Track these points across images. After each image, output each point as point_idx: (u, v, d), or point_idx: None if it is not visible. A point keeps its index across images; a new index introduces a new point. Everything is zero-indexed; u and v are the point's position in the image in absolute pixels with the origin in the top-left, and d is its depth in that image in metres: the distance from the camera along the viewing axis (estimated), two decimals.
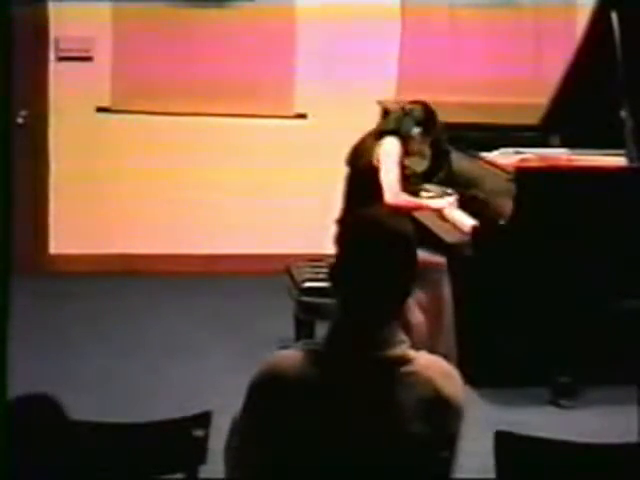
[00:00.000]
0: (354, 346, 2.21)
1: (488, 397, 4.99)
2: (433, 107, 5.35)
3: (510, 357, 5.21)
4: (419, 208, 5.28)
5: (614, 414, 4.73)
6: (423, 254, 2.69)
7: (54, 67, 6.84)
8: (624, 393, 4.74)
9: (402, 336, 2.24)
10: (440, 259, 5.16)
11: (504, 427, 2.47)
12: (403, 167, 5.22)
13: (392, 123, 5.31)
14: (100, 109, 6.91)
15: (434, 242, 5.19)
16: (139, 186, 6.96)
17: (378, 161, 5.13)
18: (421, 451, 2.21)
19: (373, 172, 5.12)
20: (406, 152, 5.24)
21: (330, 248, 3.00)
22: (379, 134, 5.24)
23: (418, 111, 5.28)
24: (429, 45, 7.22)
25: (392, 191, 5.05)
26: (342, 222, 5.07)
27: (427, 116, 5.28)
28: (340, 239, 2.32)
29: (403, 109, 5.34)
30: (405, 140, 5.22)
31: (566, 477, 2.46)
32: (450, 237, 5.19)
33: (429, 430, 2.19)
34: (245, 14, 6.98)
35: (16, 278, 2.29)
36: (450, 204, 5.27)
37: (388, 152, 5.13)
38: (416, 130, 5.24)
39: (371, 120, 5.79)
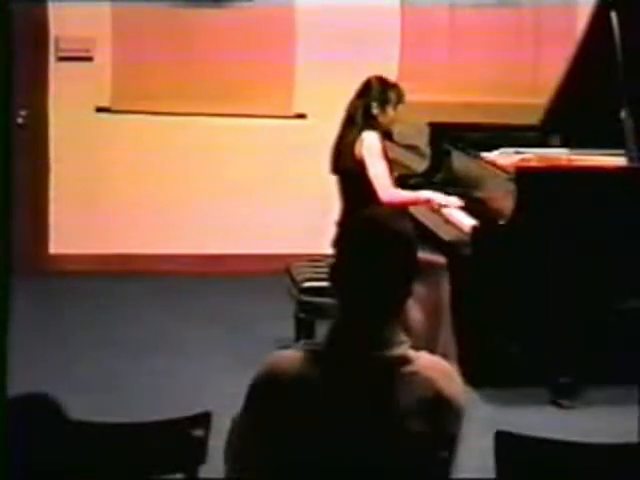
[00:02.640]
0: (354, 346, 2.21)
1: (488, 397, 4.99)
2: (379, 76, 5.31)
3: (510, 357, 5.21)
4: (418, 201, 5.28)
5: (614, 414, 4.73)
6: (423, 253, 2.69)
7: (54, 67, 6.84)
8: (624, 393, 4.75)
9: (402, 336, 2.24)
10: (440, 258, 5.16)
11: (504, 427, 2.47)
12: (389, 160, 5.21)
13: (352, 114, 5.25)
14: (100, 109, 6.91)
15: (434, 242, 5.20)
16: (139, 186, 6.96)
17: (361, 154, 5.10)
18: (421, 451, 2.21)
19: (359, 169, 5.08)
20: (382, 132, 5.22)
21: (330, 248, 3.01)
22: (352, 130, 5.20)
23: (366, 88, 5.25)
24: (429, 45, 7.22)
25: (384, 188, 5.05)
26: (342, 224, 5.12)
27: (376, 87, 5.24)
28: (340, 239, 2.32)
29: (356, 94, 5.30)
30: (373, 123, 5.19)
31: (566, 477, 2.46)
32: (450, 237, 5.19)
33: (429, 430, 2.19)
34: (245, 14, 6.98)
35: (16, 278, 2.29)
36: (453, 203, 5.25)
37: (370, 149, 5.10)
38: (374, 105, 5.22)
39: None
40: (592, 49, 5.51)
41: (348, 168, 5.16)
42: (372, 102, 5.21)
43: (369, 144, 5.11)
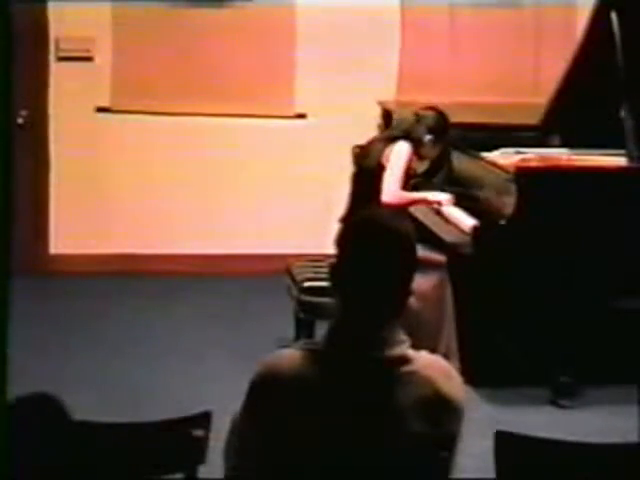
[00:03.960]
0: (354, 346, 2.21)
1: (488, 397, 4.99)
2: (446, 114, 5.40)
3: (510, 357, 5.21)
4: (415, 202, 5.32)
5: (614, 414, 4.73)
6: (423, 252, 2.70)
7: (54, 67, 6.85)
8: (624, 393, 4.75)
9: (402, 336, 2.24)
10: (440, 257, 5.17)
11: (504, 427, 2.47)
12: (409, 172, 5.28)
13: (404, 128, 5.37)
14: (100, 109, 6.91)
15: (434, 242, 5.20)
16: (139, 186, 6.96)
17: (387, 160, 5.18)
18: (421, 451, 2.21)
19: (380, 172, 5.16)
20: (417, 157, 5.35)
21: (330, 248, 3.01)
22: (391, 138, 5.30)
23: (431, 118, 5.36)
24: (429, 45, 7.22)
25: (389, 191, 5.11)
26: (346, 221, 5.13)
27: (439, 123, 5.35)
28: (340, 239, 2.32)
29: (417, 114, 5.39)
30: (416, 145, 5.29)
31: (566, 477, 2.46)
32: (450, 237, 5.19)
33: (429, 430, 2.19)
34: (245, 14, 6.98)
35: (16, 278, 2.29)
36: (448, 200, 5.30)
37: (398, 155, 5.21)
38: (428, 137, 5.31)
39: (371, 120, 5.79)
40: (592, 49, 5.51)
41: (370, 168, 5.23)
42: (427, 133, 5.29)
43: (400, 152, 5.22)
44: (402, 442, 2.18)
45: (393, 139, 5.30)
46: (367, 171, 5.28)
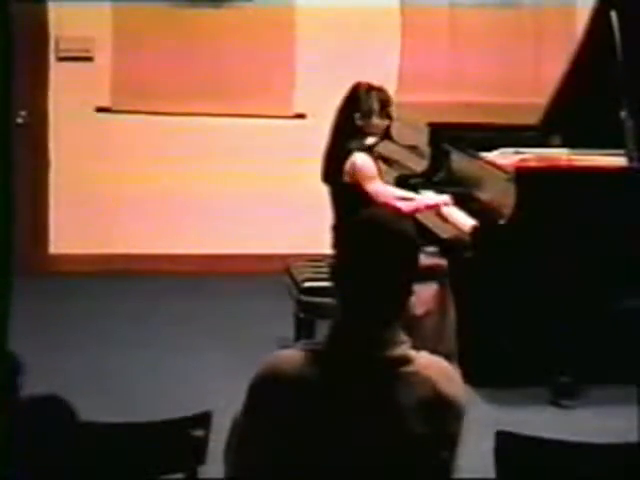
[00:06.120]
0: (354, 346, 2.21)
1: (488, 397, 4.99)
2: (361, 84, 5.25)
3: (510, 357, 5.21)
4: (419, 209, 5.30)
5: (614, 414, 4.73)
6: (424, 259, 2.69)
7: (54, 67, 6.85)
8: (624, 393, 4.75)
9: (403, 336, 2.24)
10: (441, 262, 5.17)
11: (504, 427, 2.47)
12: (389, 162, 5.22)
13: (339, 126, 5.23)
14: (100, 109, 6.91)
15: (434, 242, 5.20)
16: (139, 186, 6.96)
17: (352, 175, 5.07)
18: (421, 451, 2.20)
19: (349, 184, 5.06)
20: (371, 134, 5.20)
21: (330, 249, 3.01)
22: (345, 145, 5.15)
23: (359, 98, 5.21)
24: (429, 45, 7.22)
25: (396, 202, 5.02)
26: (337, 228, 5.11)
27: (364, 97, 5.19)
28: (341, 240, 2.33)
29: (343, 106, 5.25)
30: (359, 134, 5.15)
31: (566, 477, 2.46)
32: (450, 237, 5.19)
33: (429, 430, 2.19)
34: (245, 14, 6.98)
35: (16, 278, 2.29)
36: (446, 202, 5.28)
37: (364, 172, 5.06)
38: (357, 116, 5.16)
39: None
40: (592, 49, 5.51)
41: (338, 182, 5.14)
42: (355, 113, 5.17)
43: (361, 167, 5.06)
44: (402, 442, 2.18)
45: (346, 145, 5.12)
46: (337, 184, 5.15)
